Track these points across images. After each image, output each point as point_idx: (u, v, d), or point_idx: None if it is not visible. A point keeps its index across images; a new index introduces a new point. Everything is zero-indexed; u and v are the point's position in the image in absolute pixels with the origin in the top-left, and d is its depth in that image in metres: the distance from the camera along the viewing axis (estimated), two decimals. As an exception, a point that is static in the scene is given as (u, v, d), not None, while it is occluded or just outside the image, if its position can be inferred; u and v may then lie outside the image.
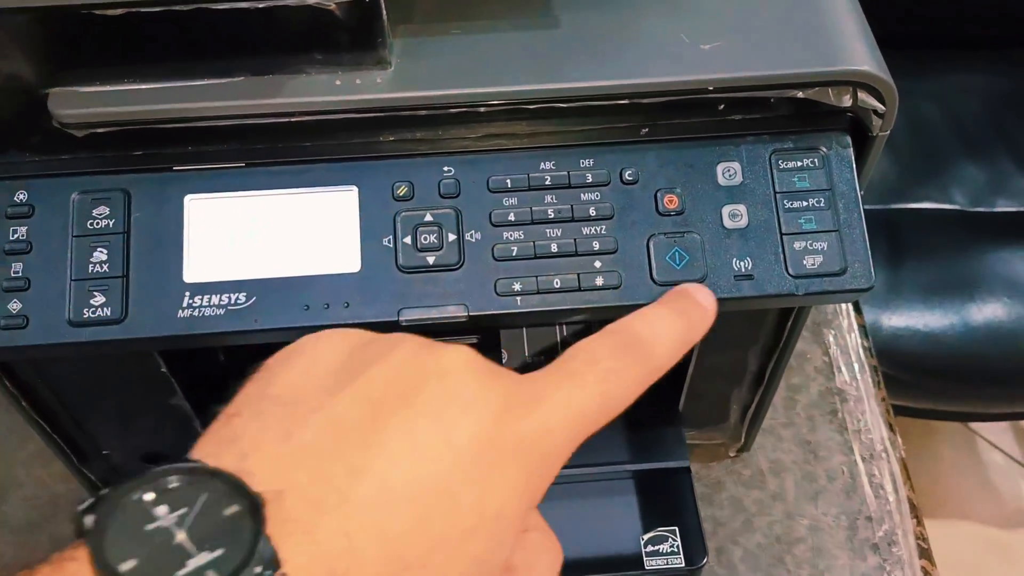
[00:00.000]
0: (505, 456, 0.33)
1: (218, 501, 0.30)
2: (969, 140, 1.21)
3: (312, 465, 0.31)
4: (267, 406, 0.34)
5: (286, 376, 0.35)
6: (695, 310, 0.42)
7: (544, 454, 0.35)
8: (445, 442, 0.33)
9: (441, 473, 0.32)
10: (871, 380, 0.71)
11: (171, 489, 0.30)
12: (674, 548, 0.56)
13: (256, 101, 0.42)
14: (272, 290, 0.43)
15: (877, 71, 0.43)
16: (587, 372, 0.36)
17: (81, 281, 0.43)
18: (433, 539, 0.32)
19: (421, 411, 0.33)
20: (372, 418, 0.33)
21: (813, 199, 0.45)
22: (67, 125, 0.42)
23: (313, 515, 0.30)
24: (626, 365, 0.37)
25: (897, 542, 0.64)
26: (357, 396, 0.33)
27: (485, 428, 0.33)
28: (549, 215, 0.44)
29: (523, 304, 0.44)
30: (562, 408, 0.35)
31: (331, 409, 0.33)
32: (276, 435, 0.32)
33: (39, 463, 0.65)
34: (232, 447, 0.32)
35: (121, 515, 0.29)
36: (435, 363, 0.35)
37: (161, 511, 0.29)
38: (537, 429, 0.34)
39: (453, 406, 0.34)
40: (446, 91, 0.43)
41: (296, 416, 0.33)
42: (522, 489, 0.34)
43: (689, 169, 0.45)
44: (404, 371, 0.34)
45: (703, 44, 0.44)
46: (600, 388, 0.36)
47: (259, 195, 0.44)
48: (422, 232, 0.44)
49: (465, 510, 0.32)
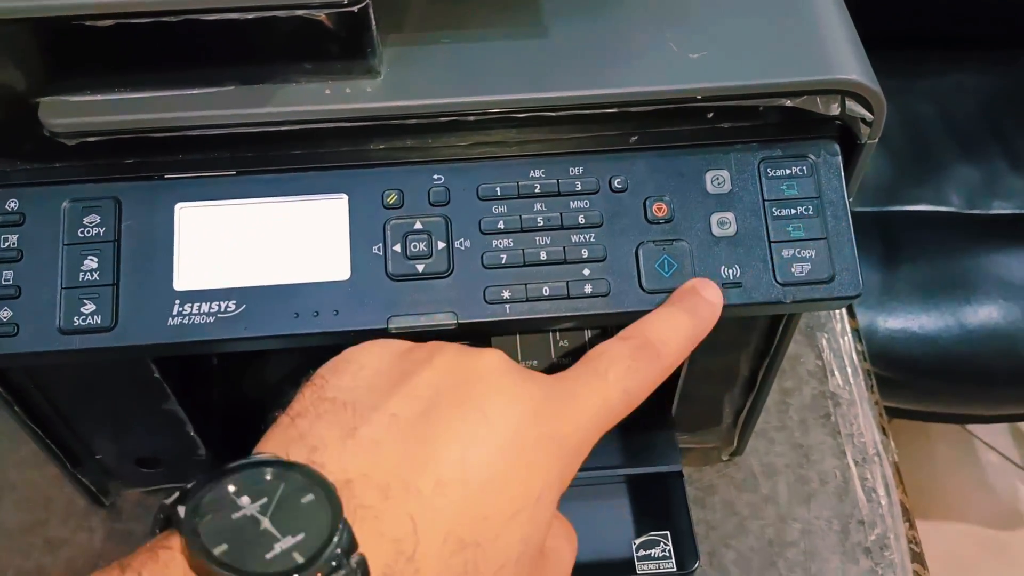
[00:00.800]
0: (543, 446, 0.37)
1: (295, 491, 0.33)
2: (964, 141, 1.21)
3: (376, 457, 0.35)
4: (327, 408, 0.37)
5: (339, 381, 0.38)
6: (703, 307, 0.44)
7: (576, 444, 0.38)
8: (491, 434, 0.36)
9: (489, 461, 0.36)
10: (864, 383, 0.71)
11: (251, 481, 0.33)
12: (666, 552, 0.56)
13: (246, 110, 0.42)
14: (262, 298, 0.43)
15: (865, 80, 0.43)
16: (610, 371, 0.40)
17: (72, 289, 0.43)
18: (485, 520, 0.35)
19: (468, 407, 0.37)
20: (425, 414, 0.36)
21: (801, 207, 0.45)
22: (58, 134, 0.42)
23: (380, 501, 0.34)
24: (643, 364, 0.41)
25: (889, 546, 0.64)
26: (409, 396, 0.37)
27: (526, 421, 0.37)
28: (538, 223, 0.44)
29: (512, 312, 0.44)
30: (591, 403, 0.39)
31: (387, 407, 0.36)
32: (341, 431, 0.36)
33: (32, 466, 0.65)
34: (301, 443, 0.35)
35: (209, 505, 0.32)
36: (474, 365, 0.39)
37: (244, 501, 0.32)
38: (571, 422, 0.38)
39: (496, 402, 0.37)
40: (436, 100, 0.43)
41: (357, 414, 0.36)
42: (557, 476, 0.38)
43: (678, 177, 0.45)
44: (448, 373, 0.38)
45: (692, 53, 0.44)
46: (622, 385, 0.40)
47: (249, 203, 0.44)
48: (412, 240, 0.44)
49: (512, 494, 0.36)
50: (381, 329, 0.43)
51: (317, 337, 0.44)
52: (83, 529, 0.64)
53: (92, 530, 0.64)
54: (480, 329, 0.44)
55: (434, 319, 0.44)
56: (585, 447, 0.39)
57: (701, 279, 0.44)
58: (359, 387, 0.38)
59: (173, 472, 0.62)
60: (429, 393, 0.37)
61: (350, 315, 0.43)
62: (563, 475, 0.38)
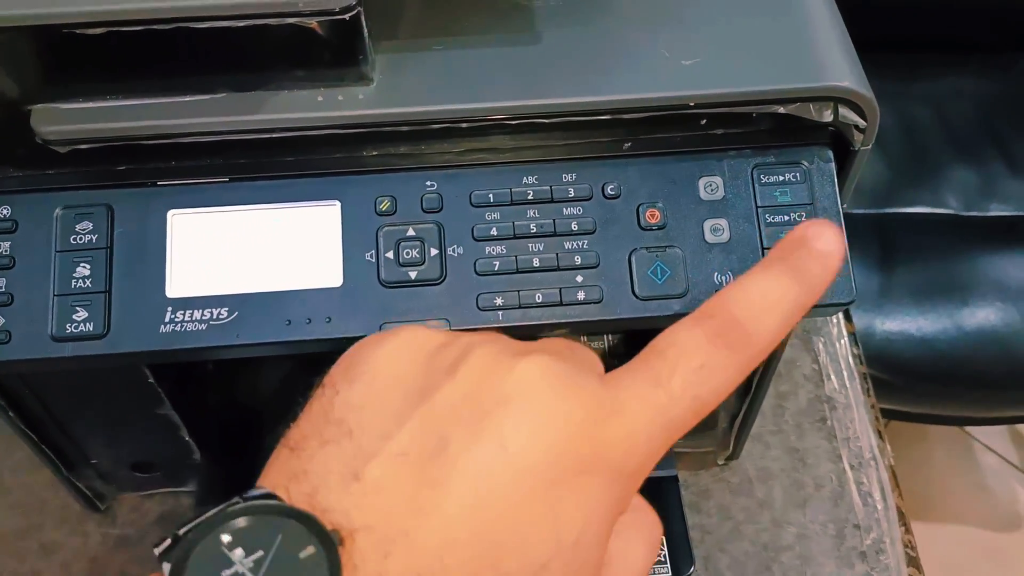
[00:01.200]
0: (583, 477, 0.31)
1: (294, 542, 0.29)
2: (961, 144, 1.21)
3: (381, 504, 0.30)
4: (332, 434, 0.32)
5: (350, 395, 0.33)
6: (813, 264, 0.35)
7: (631, 470, 0.32)
8: (513, 473, 0.31)
9: (509, 507, 0.30)
10: (860, 387, 0.71)
11: (246, 529, 0.29)
12: (661, 557, 0.56)
13: (239, 117, 0.42)
14: (254, 305, 0.43)
15: (858, 87, 0.43)
16: (675, 377, 0.33)
17: (64, 296, 0.43)
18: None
19: (488, 441, 0.31)
20: (437, 450, 0.31)
21: (795, 213, 0.45)
22: (50, 141, 0.42)
23: (381, 559, 0.30)
24: (723, 357, 0.33)
25: (885, 550, 0.64)
26: (423, 424, 0.32)
27: (560, 447, 0.31)
28: (531, 230, 0.44)
29: (505, 319, 0.44)
30: (647, 415, 0.32)
31: (397, 441, 0.31)
32: (345, 470, 0.31)
33: (27, 470, 0.65)
34: (302, 482, 0.31)
35: (197, 561, 0.29)
36: (506, 382, 0.32)
37: (238, 555, 0.29)
38: (619, 437, 0.32)
39: (522, 432, 0.31)
40: (428, 107, 0.43)
41: (363, 447, 0.32)
42: (604, 505, 0.32)
43: (671, 184, 0.45)
44: (473, 393, 0.32)
45: (684, 60, 0.44)
46: (692, 393, 0.33)
47: (242, 210, 0.44)
48: (404, 247, 0.44)
49: (539, 543, 0.31)
50: (374, 336, 0.43)
51: (310, 344, 0.44)
52: (78, 533, 0.64)
53: (87, 535, 0.64)
54: (473, 336, 0.44)
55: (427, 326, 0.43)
56: (644, 470, 0.33)
57: (815, 222, 0.36)
58: (372, 405, 0.33)
59: (168, 476, 0.62)
60: (445, 420, 0.32)
61: (343, 322, 0.43)
62: (614, 499, 0.32)
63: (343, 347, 0.43)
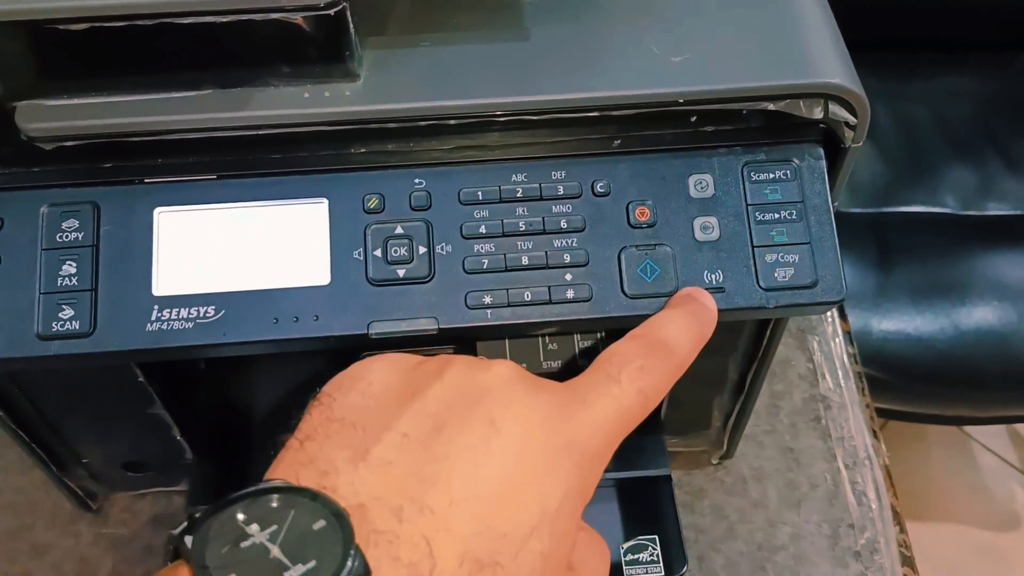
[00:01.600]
0: (559, 456, 0.36)
1: (306, 517, 0.32)
2: (959, 143, 1.21)
3: (388, 479, 0.34)
4: (336, 428, 0.36)
5: (347, 400, 0.37)
6: (703, 312, 0.43)
7: (593, 451, 0.37)
8: (503, 447, 0.36)
9: (502, 475, 0.35)
10: (855, 387, 0.71)
11: (260, 508, 0.32)
12: (654, 557, 0.56)
13: (225, 114, 0.42)
14: (241, 303, 0.43)
15: (848, 83, 0.43)
16: (622, 372, 0.39)
17: (50, 294, 0.43)
18: (503, 537, 0.34)
19: (479, 421, 0.36)
20: (436, 432, 0.36)
21: (785, 211, 0.45)
22: (35, 138, 0.42)
23: (394, 524, 0.33)
24: (655, 363, 0.40)
25: (879, 550, 0.64)
26: (419, 413, 0.36)
27: (539, 432, 0.36)
28: (520, 227, 0.44)
29: (494, 317, 0.44)
30: (606, 407, 0.38)
31: (398, 426, 0.36)
32: (351, 454, 0.35)
33: (18, 471, 0.65)
34: (311, 467, 0.35)
35: (217, 535, 0.31)
36: (484, 378, 0.38)
37: (253, 529, 0.32)
38: (585, 428, 0.37)
39: (507, 414, 0.36)
40: (416, 103, 0.43)
41: (367, 435, 0.35)
42: (576, 486, 0.37)
43: (661, 181, 0.45)
44: (458, 387, 0.37)
45: (674, 56, 0.43)
46: (636, 386, 0.39)
47: (229, 207, 0.44)
48: (392, 245, 0.44)
49: (528, 509, 0.35)
50: (361, 335, 0.43)
51: (297, 343, 0.43)
52: (69, 534, 0.63)
53: (79, 535, 0.63)
54: (462, 335, 0.44)
55: (415, 324, 0.43)
56: (604, 454, 0.38)
57: (694, 288, 0.44)
58: (368, 405, 0.37)
59: (160, 476, 0.62)
60: (439, 409, 0.36)
61: (330, 320, 0.43)
62: (584, 485, 0.37)
63: (331, 345, 0.43)
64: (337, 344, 0.44)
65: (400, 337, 0.43)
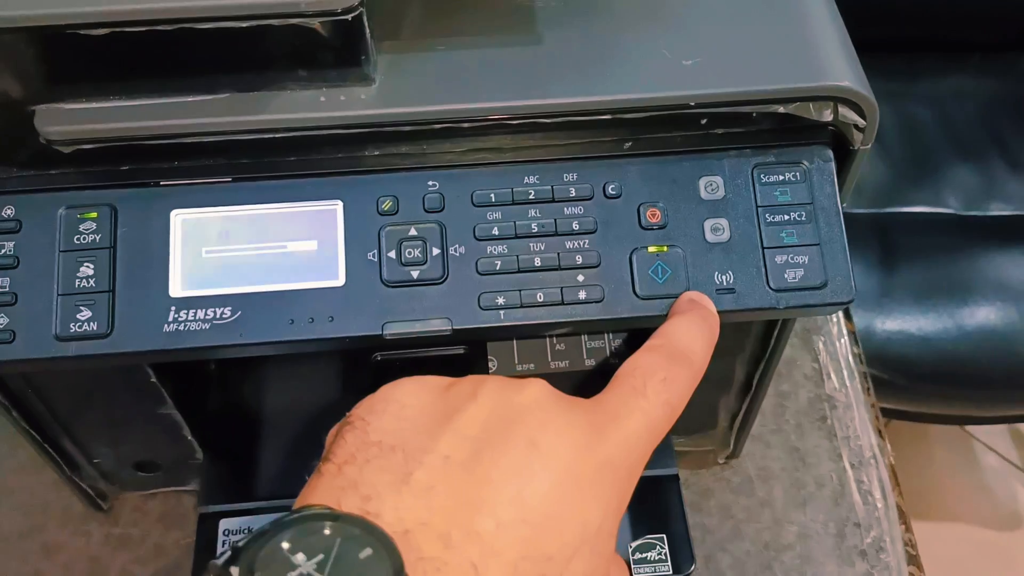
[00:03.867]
0: (599, 476, 0.36)
1: (352, 545, 0.31)
2: (962, 144, 1.21)
3: (432, 503, 0.34)
4: (375, 452, 0.35)
5: (381, 423, 0.37)
6: (711, 316, 0.44)
7: (629, 468, 0.38)
8: (545, 468, 0.35)
9: (546, 496, 0.35)
10: (860, 386, 0.71)
11: (305, 536, 0.32)
12: (662, 555, 0.56)
13: (241, 117, 0.42)
14: (257, 304, 0.44)
15: (857, 86, 0.43)
16: (648, 386, 0.39)
17: (68, 296, 0.43)
18: (549, 560, 0.34)
19: (519, 444, 0.36)
20: (476, 454, 0.35)
21: (795, 213, 0.45)
22: (53, 141, 0.42)
23: (441, 551, 0.32)
24: (677, 373, 0.40)
25: (885, 548, 0.64)
26: (458, 435, 0.36)
27: (577, 451, 0.36)
28: (532, 229, 0.45)
29: (507, 318, 0.44)
30: (637, 423, 0.38)
31: (438, 449, 0.35)
32: (394, 478, 0.34)
33: (30, 471, 0.65)
34: (352, 493, 0.34)
35: (263, 565, 0.31)
36: (520, 399, 0.38)
37: (300, 558, 0.31)
38: (621, 446, 0.37)
39: (546, 435, 0.36)
40: (430, 107, 0.43)
41: (408, 458, 0.35)
42: (615, 503, 0.37)
43: (672, 183, 0.45)
44: (493, 409, 0.37)
45: (685, 60, 0.44)
46: (662, 398, 0.39)
47: (244, 210, 0.44)
48: (406, 246, 0.44)
49: (572, 531, 0.35)
50: (376, 335, 0.43)
51: (312, 343, 0.44)
52: (80, 534, 0.64)
53: (89, 535, 0.64)
54: (475, 335, 0.45)
55: (429, 325, 0.44)
56: (637, 468, 0.38)
57: (694, 292, 0.45)
58: (404, 428, 0.36)
59: (170, 476, 0.62)
60: (477, 431, 0.36)
61: (345, 321, 0.44)
62: (620, 501, 0.37)
63: (345, 346, 0.44)
64: (352, 345, 0.44)
65: (414, 338, 0.44)
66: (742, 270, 0.45)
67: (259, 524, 0.32)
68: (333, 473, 0.35)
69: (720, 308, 0.44)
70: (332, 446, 0.37)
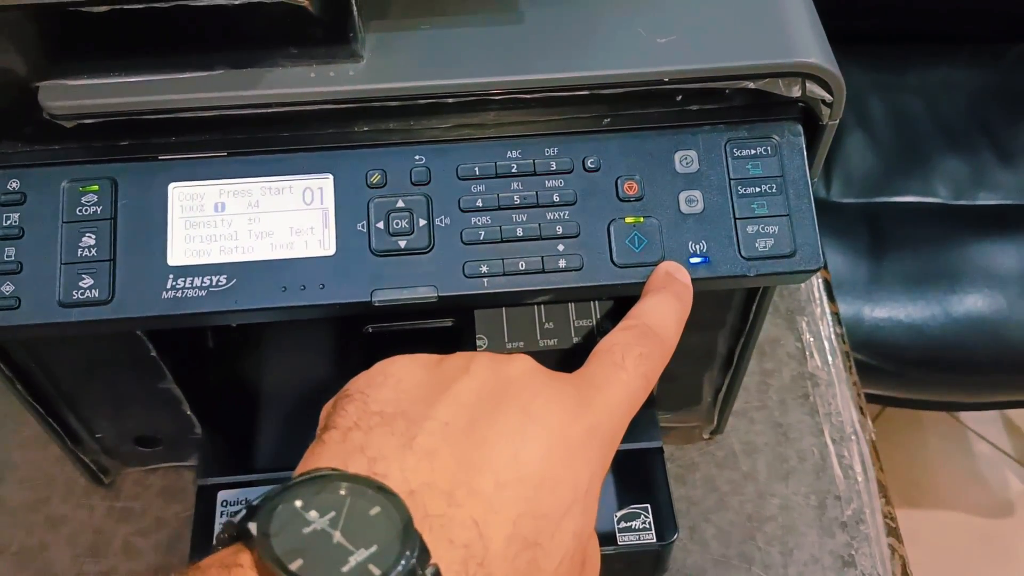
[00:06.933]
0: (585, 440, 0.39)
1: (362, 503, 0.33)
2: (951, 133, 1.22)
3: (436, 465, 0.36)
4: (377, 420, 0.37)
5: (381, 395, 0.39)
6: (682, 289, 0.46)
7: (611, 433, 0.40)
8: (539, 432, 0.38)
9: (541, 458, 0.37)
10: (843, 365, 0.73)
11: (315, 496, 0.33)
12: (646, 524, 0.58)
13: (235, 93, 0.44)
14: (251, 272, 0.45)
15: (824, 63, 0.45)
16: (626, 360, 0.42)
17: (71, 264, 0.45)
18: (544, 517, 0.36)
19: (512, 410, 0.38)
20: (473, 421, 0.37)
21: (765, 185, 0.47)
22: (57, 116, 0.44)
23: (446, 509, 0.34)
24: (652, 348, 0.43)
25: (865, 520, 0.65)
26: (454, 404, 0.38)
27: (567, 417, 0.39)
28: (515, 201, 0.46)
29: (490, 285, 0.46)
30: (618, 392, 0.41)
31: (437, 416, 0.37)
32: (399, 441, 0.36)
33: (35, 446, 0.67)
34: (359, 456, 0.36)
35: (280, 521, 0.32)
36: (508, 371, 0.40)
37: (313, 515, 0.33)
38: (604, 412, 0.40)
39: (536, 403, 0.39)
40: (417, 83, 0.45)
41: (410, 425, 0.37)
42: (599, 466, 0.39)
43: (648, 157, 0.47)
44: (485, 380, 0.39)
45: (660, 37, 0.46)
46: (640, 371, 0.42)
47: (239, 182, 0.46)
48: (394, 217, 0.46)
49: (565, 489, 0.37)
50: (365, 302, 0.45)
51: (304, 310, 0.46)
52: (83, 507, 0.65)
53: (92, 508, 0.65)
54: (460, 303, 0.46)
55: (416, 292, 0.45)
56: (618, 435, 0.41)
57: (671, 263, 0.47)
58: (403, 399, 0.39)
59: (170, 451, 0.64)
60: (472, 399, 0.38)
61: (335, 289, 0.45)
62: (604, 464, 0.40)
63: (336, 312, 0.46)
64: (342, 312, 0.46)
65: (402, 304, 0.45)
66: (715, 240, 0.46)
67: (256, 495, 0.34)
68: (338, 439, 0.37)
69: (694, 276, 0.46)
70: (332, 417, 0.38)
